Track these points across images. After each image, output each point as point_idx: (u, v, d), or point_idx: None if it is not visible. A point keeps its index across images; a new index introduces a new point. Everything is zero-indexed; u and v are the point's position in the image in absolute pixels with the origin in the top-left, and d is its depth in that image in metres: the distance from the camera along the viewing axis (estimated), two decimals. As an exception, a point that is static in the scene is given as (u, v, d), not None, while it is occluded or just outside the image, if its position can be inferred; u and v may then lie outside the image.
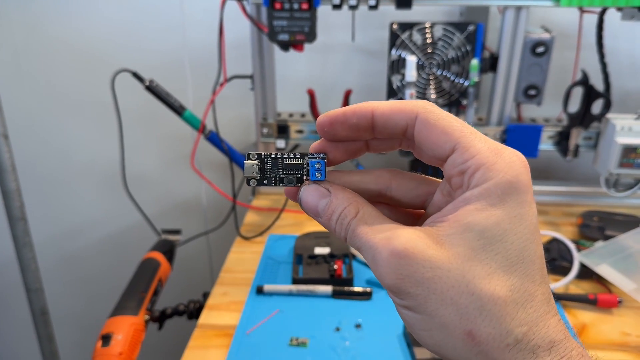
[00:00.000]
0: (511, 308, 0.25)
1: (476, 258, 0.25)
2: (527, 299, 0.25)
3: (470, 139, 0.27)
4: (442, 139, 0.27)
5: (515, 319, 0.25)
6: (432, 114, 0.28)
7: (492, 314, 0.25)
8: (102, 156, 1.30)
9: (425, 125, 0.28)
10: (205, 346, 0.73)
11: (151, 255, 0.95)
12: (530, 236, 0.26)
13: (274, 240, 0.98)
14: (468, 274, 0.25)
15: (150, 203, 1.24)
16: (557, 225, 1.03)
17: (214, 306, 0.82)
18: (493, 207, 0.26)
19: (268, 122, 1.07)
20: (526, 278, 0.26)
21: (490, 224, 0.25)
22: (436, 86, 1.01)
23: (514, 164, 0.26)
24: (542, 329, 0.25)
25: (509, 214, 0.26)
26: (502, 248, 0.25)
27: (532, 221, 0.26)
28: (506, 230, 0.25)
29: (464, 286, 0.25)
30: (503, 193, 0.26)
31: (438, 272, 0.25)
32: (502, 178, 0.26)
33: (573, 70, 1.06)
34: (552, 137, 1.05)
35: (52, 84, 1.25)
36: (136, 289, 0.87)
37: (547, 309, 0.26)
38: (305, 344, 0.72)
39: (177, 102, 0.99)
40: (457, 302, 0.25)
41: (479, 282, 0.25)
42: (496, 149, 0.26)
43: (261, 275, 0.88)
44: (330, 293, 0.82)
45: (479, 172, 0.26)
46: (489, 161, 0.26)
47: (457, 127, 0.27)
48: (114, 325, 0.79)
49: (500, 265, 0.25)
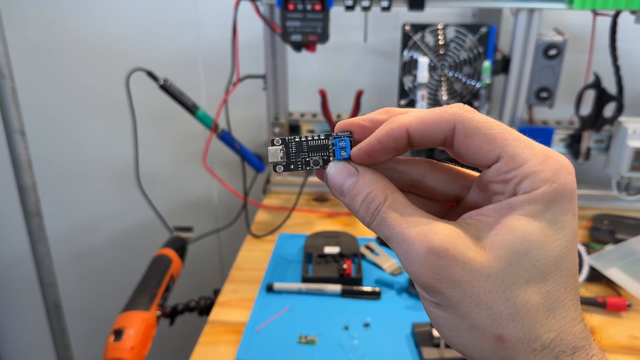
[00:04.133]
0: (542, 314, 0.25)
1: (518, 263, 0.25)
2: (558, 306, 0.26)
3: (515, 146, 0.26)
4: (485, 148, 0.26)
5: (544, 325, 0.25)
6: (471, 122, 0.27)
7: (525, 320, 0.25)
8: (116, 153, 1.32)
9: (465, 135, 0.27)
10: (215, 342, 0.74)
11: (163, 251, 0.96)
12: (569, 244, 0.26)
13: (284, 239, 0.99)
14: (507, 279, 0.25)
15: (163, 200, 1.26)
16: (568, 228, 1.03)
17: (225, 303, 0.83)
18: (538, 214, 0.25)
19: (280, 121, 1.08)
20: (560, 285, 0.26)
21: (534, 230, 0.25)
22: (448, 87, 1.01)
23: (561, 172, 0.26)
24: (568, 336, 0.25)
25: (552, 222, 0.26)
26: (543, 254, 0.25)
27: (573, 229, 0.26)
28: (548, 237, 0.25)
29: (501, 292, 0.25)
30: (549, 201, 0.25)
31: (477, 276, 0.25)
32: (549, 187, 0.25)
33: (586, 72, 1.06)
34: (564, 139, 1.05)
35: (68, 81, 1.27)
36: (148, 285, 0.88)
37: (574, 315, 0.26)
38: (314, 342, 0.73)
39: (190, 101, 1.00)
40: (491, 307, 0.25)
41: (517, 288, 0.25)
42: (543, 155, 0.26)
43: (271, 274, 0.89)
44: (340, 292, 0.82)
45: (527, 180, 0.26)
46: (537, 170, 0.25)
47: (500, 133, 0.26)
48: (126, 320, 0.81)
49: (539, 272, 0.25)
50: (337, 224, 1.04)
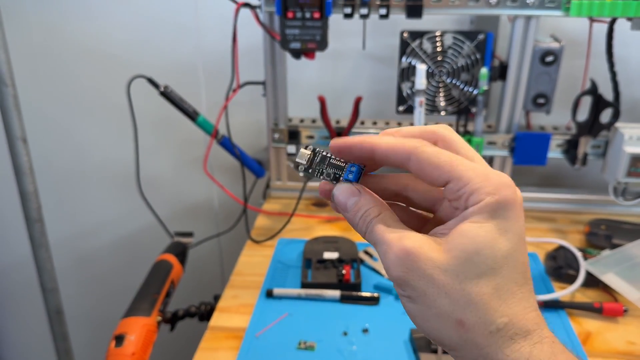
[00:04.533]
0: (494, 302, 0.31)
1: (470, 261, 0.31)
2: (508, 296, 0.31)
3: (460, 169, 0.32)
4: (435, 174, 0.32)
5: (497, 311, 0.31)
6: (423, 154, 0.33)
7: (479, 307, 0.31)
8: (117, 158, 1.33)
9: (418, 165, 0.33)
10: (215, 348, 0.75)
11: (164, 257, 0.97)
12: (514, 245, 0.32)
13: (284, 244, 1.00)
14: (462, 274, 0.31)
15: (163, 205, 1.27)
16: (565, 233, 1.03)
17: (225, 308, 0.83)
18: (485, 221, 0.31)
19: (279, 127, 1.09)
20: (509, 279, 0.31)
21: (482, 233, 0.31)
22: (446, 94, 1.02)
23: (500, 186, 0.31)
24: (520, 321, 0.31)
25: (497, 227, 0.31)
26: (491, 253, 0.31)
27: (517, 232, 0.32)
28: (494, 239, 0.31)
29: (457, 284, 0.31)
30: (492, 210, 0.31)
31: (437, 271, 0.31)
32: (490, 199, 0.31)
33: (583, 78, 1.06)
34: (561, 145, 1.05)
35: (69, 86, 1.28)
36: (149, 291, 0.89)
37: (526, 305, 0.31)
38: (313, 348, 0.73)
39: (190, 108, 1.01)
40: (451, 296, 0.31)
41: (470, 281, 0.31)
42: (484, 175, 0.32)
43: (271, 279, 0.89)
44: (339, 298, 0.83)
45: (473, 196, 0.31)
46: (480, 186, 0.31)
47: (447, 161, 0.32)
48: (127, 326, 0.81)
49: (489, 268, 0.31)
50: (336, 229, 1.05)
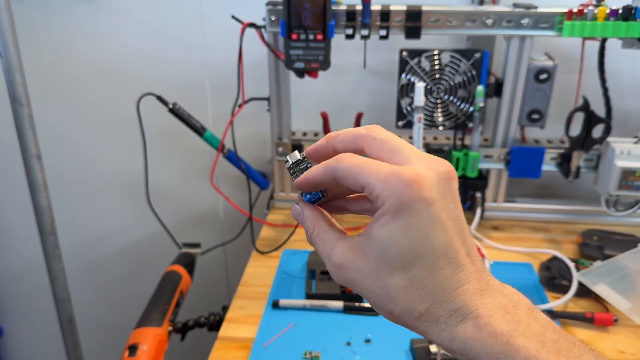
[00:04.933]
0: (412, 293, 0.34)
1: (383, 261, 0.34)
2: (426, 285, 0.34)
3: (366, 177, 0.35)
4: (352, 184, 0.36)
5: (416, 300, 0.34)
6: (338, 170, 0.36)
7: (398, 299, 0.34)
8: (126, 170, 1.37)
9: (342, 180, 0.36)
10: (225, 358, 0.79)
11: (173, 268, 1.01)
12: (423, 236, 0.33)
13: (289, 255, 1.03)
14: (379, 273, 0.35)
15: (170, 214, 1.30)
16: (559, 243, 1.07)
17: (233, 319, 0.87)
18: (388, 223, 0.34)
19: (283, 141, 1.13)
20: (425, 268, 0.34)
21: (387, 235, 0.34)
22: (443, 110, 1.06)
23: (399, 188, 0.33)
24: (442, 303, 0.34)
25: (400, 225, 0.33)
26: (399, 251, 0.34)
27: (425, 223, 0.34)
28: (400, 238, 0.34)
29: (377, 283, 0.35)
30: (394, 211, 0.33)
31: (361, 275, 0.36)
32: (390, 202, 0.34)
33: (576, 92, 1.10)
34: (555, 158, 1.09)
35: (79, 102, 1.32)
36: (159, 301, 0.93)
37: (447, 287, 0.34)
38: (318, 358, 0.77)
39: (198, 124, 1.05)
40: (376, 294, 0.35)
41: (386, 278, 0.34)
42: (385, 179, 0.34)
43: (276, 290, 0.93)
44: (342, 308, 0.87)
45: (378, 200, 0.34)
46: (381, 191, 0.34)
47: (358, 171, 0.35)
48: (140, 336, 0.85)
49: (399, 265, 0.34)
50: (338, 240, 1.09)
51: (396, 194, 0.33)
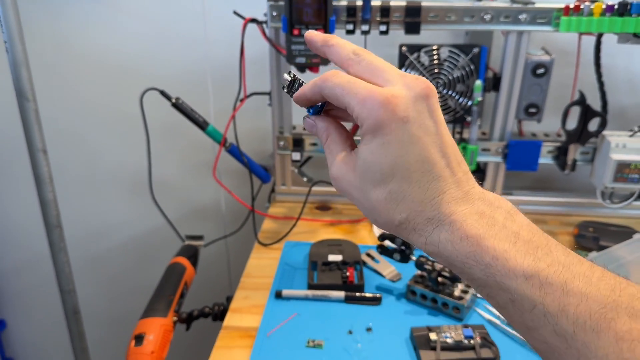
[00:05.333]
0: (391, 204, 0.37)
1: (365, 176, 0.38)
2: (404, 197, 0.37)
3: (348, 99, 0.37)
4: (337, 103, 0.39)
5: (395, 210, 0.37)
6: (325, 89, 0.39)
7: (380, 210, 0.38)
8: (129, 164, 1.39)
9: (328, 98, 0.39)
10: (230, 346, 0.81)
11: (177, 260, 1.03)
12: (399, 152, 0.36)
13: (290, 247, 1.05)
14: (364, 187, 0.38)
15: (173, 208, 1.32)
16: (555, 234, 1.09)
17: (237, 309, 0.89)
18: (369, 141, 0.37)
19: (284, 135, 1.14)
20: (402, 182, 0.37)
21: (368, 152, 0.37)
22: (442, 104, 1.08)
23: (373, 109, 0.36)
24: (419, 214, 0.37)
25: (378, 143, 0.37)
26: (378, 167, 0.37)
27: (401, 140, 0.36)
28: (379, 155, 0.37)
29: (362, 194, 0.39)
30: (372, 131, 0.37)
31: (351, 187, 0.40)
32: (368, 123, 0.37)
33: (572, 86, 1.12)
34: (551, 151, 1.11)
35: (83, 97, 1.33)
36: (164, 292, 0.95)
37: (423, 196, 0.37)
38: (321, 346, 0.79)
39: (200, 118, 1.07)
40: (362, 204, 0.40)
41: (368, 191, 0.38)
42: (363, 101, 0.37)
43: (279, 281, 0.95)
44: (343, 298, 0.89)
45: (359, 120, 0.37)
46: (359, 113, 0.37)
47: (340, 93, 0.38)
48: (146, 326, 0.87)
49: (380, 179, 0.37)
50: (339, 232, 1.11)
51: (372, 115, 0.36)
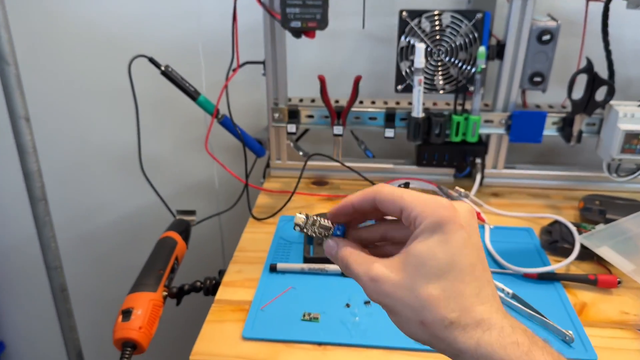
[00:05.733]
0: (444, 302, 0.37)
1: (418, 271, 0.38)
2: (457, 295, 0.37)
3: (408, 201, 0.40)
4: (392, 207, 0.41)
5: (447, 308, 0.37)
6: (381, 194, 0.42)
7: (431, 307, 0.37)
8: (119, 138, 1.34)
9: (381, 202, 0.42)
10: (222, 320, 0.77)
11: (168, 234, 0.98)
12: (456, 251, 0.38)
13: (285, 222, 1.01)
14: (413, 285, 0.38)
15: (165, 184, 1.28)
16: (559, 209, 1.06)
17: (230, 283, 0.85)
18: (427, 238, 0.38)
19: (279, 107, 1.10)
20: (456, 280, 0.38)
21: (425, 248, 0.38)
22: (444, 73, 1.04)
23: (436, 209, 0.39)
24: (470, 313, 0.37)
25: (437, 240, 0.38)
26: (435, 263, 0.38)
27: (458, 241, 0.38)
28: (436, 251, 0.38)
29: (412, 293, 0.38)
30: (432, 228, 0.38)
31: (395, 287, 0.39)
32: (429, 220, 0.38)
33: (578, 57, 1.08)
34: (556, 123, 1.07)
35: (70, 68, 1.28)
36: (154, 267, 0.91)
37: (474, 300, 0.38)
38: (317, 319, 0.76)
39: (191, 87, 1.02)
40: (409, 304, 0.38)
41: (419, 288, 0.38)
42: (424, 202, 0.39)
43: (274, 255, 0.91)
44: (340, 271, 0.85)
45: (417, 219, 0.39)
46: (421, 211, 0.39)
47: (399, 195, 0.41)
48: (134, 301, 0.83)
49: (434, 275, 0.38)
50: (336, 207, 1.07)
51: (435, 214, 0.38)
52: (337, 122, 1.08)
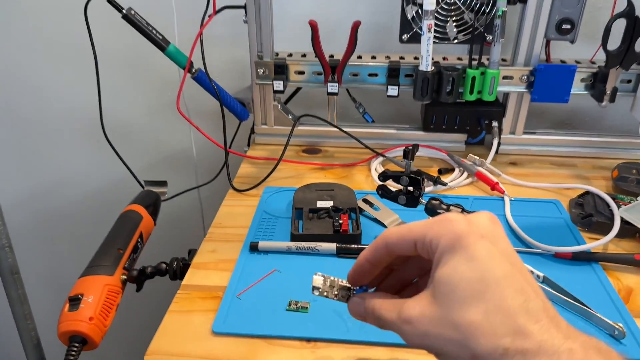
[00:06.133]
0: (488, 327, 0.32)
1: (450, 299, 0.33)
2: (502, 315, 0.32)
3: (416, 231, 0.37)
4: (405, 244, 0.38)
5: (496, 333, 0.31)
6: (390, 237, 0.39)
7: (477, 335, 0.32)
8: (84, 102, 1.18)
9: (393, 247, 0.39)
10: (189, 310, 0.62)
11: (131, 207, 0.84)
12: (485, 265, 0.33)
13: (271, 193, 0.87)
14: (449, 315, 0.33)
15: (136, 156, 1.14)
16: (588, 179, 0.92)
17: (201, 265, 0.71)
18: (449, 260, 0.34)
19: (264, 60, 0.95)
20: (497, 298, 0.32)
21: (451, 270, 0.34)
22: (457, 18, 0.88)
23: (448, 225, 0.35)
24: (525, 335, 0.31)
25: (460, 259, 0.34)
26: (465, 284, 0.33)
27: (483, 253, 0.34)
28: (462, 271, 0.33)
29: (452, 325, 0.33)
30: (451, 247, 0.34)
31: (432, 324, 0.34)
32: (444, 239, 0.35)
33: (612, 6, 0.93)
34: (586, 79, 0.93)
35: (24, 22, 1.12)
36: (112, 246, 0.76)
37: (525, 318, 0.32)
38: (306, 309, 0.61)
39: (159, 35, 0.87)
40: (452, 339, 0.33)
41: (459, 316, 0.33)
42: (433, 224, 0.36)
43: (255, 231, 0.77)
44: (335, 251, 0.71)
45: (432, 244, 0.36)
46: (433, 236, 0.35)
47: (406, 231, 0.38)
48: (85, 286, 0.68)
49: (470, 295, 0.33)
50: (330, 178, 0.92)
51: (449, 230, 0.35)
52: (332, 78, 0.93)
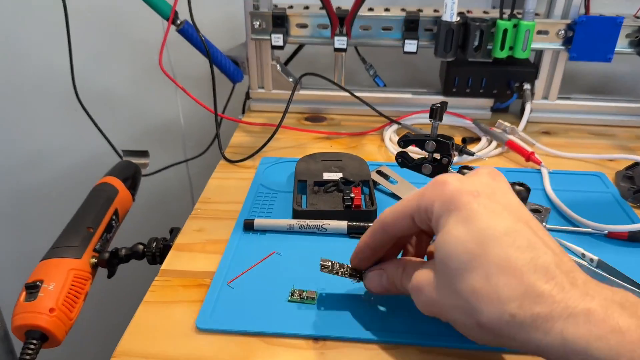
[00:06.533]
0: (493, 291, 0.31)
1: (449, 265, 0.33)
2: (507, 277, 0.30)
3: (410, 204, 0.37)
4: (404, 222, 0.38)
5: (501, 299, 0.30)
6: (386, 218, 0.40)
7: (480, 303, 0.31)
8: (59, 66, 1.06)
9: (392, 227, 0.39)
10: (168, 301, 0.51)
11: (106, 180, 0.72)
12: (483, 223, 0.32)
13: (269, 165, 0.75)
14: (451, 282, 0.33)
15: (117, 125, 1.02)
16: (632, 150, 0.80)
17: (185, 246, 0.59)
18: (445, 224, 0.34)
19: (261, 12, 0.82)
20: (498, 259, 0.31)
21: (447, 236, 0.33)
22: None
23: (436, 189, 0.35)
24: (536, 299, 0.29)
25: (454, 221, 0.33)
26: (462, 248, 0.32)
27: (479, 211, 0.33)
28: (459, 234, 0.33)
29: (452, 293, 0.33)
30: (445, 210, 0.34)
31: (436, 292, 0.35)
32: (437, 203, 0.35)
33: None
34: (631, 34, 0.80)
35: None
36: (81, 223, 0.64)
37: (534, 278, 0.30)
38: (312, 300, 0.50)
39: (138, -21, 0.74)
40: (456, 306, 0.33)
41: (458, 284, 0.32)
42: (425, 190, 0.36)
43: (251, 207, 0.65)
44: (346, 230, 0.59)
45: (427, 214, 0.36)
46: (427, 202, 0.36)
47: (400, 208, 0.38)
48: (46, 271, 0.57)
49: (469, 260, 0.32)
50: (337, 148, 0.81)
51: (440, 194, 0.34)
52: (340, 31, 0.80)
